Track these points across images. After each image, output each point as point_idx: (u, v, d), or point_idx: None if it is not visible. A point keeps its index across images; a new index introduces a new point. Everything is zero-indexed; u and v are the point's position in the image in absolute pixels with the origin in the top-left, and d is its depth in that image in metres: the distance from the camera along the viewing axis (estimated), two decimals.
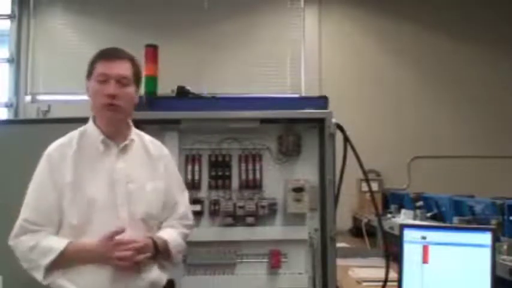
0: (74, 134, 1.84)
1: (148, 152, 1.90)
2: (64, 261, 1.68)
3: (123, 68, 1.78)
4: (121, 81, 1.76)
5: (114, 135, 1.82)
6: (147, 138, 1.95)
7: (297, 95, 5.85)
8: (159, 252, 1.79)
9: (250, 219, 2.38)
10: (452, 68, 6.14)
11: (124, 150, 1.83)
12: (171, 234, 1.85)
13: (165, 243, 1.81)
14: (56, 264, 1.68)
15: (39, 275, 1.68)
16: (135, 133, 1.90)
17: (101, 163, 1.78)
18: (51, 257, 1.66)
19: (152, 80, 2.53)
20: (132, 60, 1.83)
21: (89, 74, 1.80)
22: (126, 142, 1.83)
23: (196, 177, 2.41)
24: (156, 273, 1.81)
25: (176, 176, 2.01)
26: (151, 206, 1.82)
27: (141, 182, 1.81)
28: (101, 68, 1.77)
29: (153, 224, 1.84)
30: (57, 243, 1.69)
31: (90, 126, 1.84)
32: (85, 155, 1.79)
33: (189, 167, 2.41)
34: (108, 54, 1.80)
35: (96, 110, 1.80)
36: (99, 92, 1.76)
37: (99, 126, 1.82)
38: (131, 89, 1.81)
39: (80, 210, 1.71)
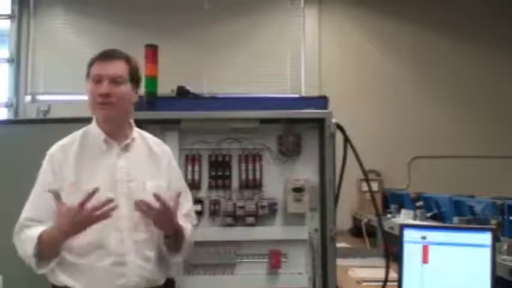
0: (76, 135, 1.86)
1: (150, 150, 1.92)
2: (47, 245, 1.68)
3: (117, 68, 1.80)
4: (115, 80, 1.78)
5: (116, 134, 1.84)
6: (148, 136, 1.97)
7: (297, 95, 5.84)
8: (176, 234, 1.81)
9: (250, 219, 2.37)
10: (452, 68, 6.15)
11: (125, 149, 1.84)
12: (184, 225, 1.87)
13: (181, 228, 1.83)
14: (44, 251, 1.68)
15: (34, 265, 1.70)
16: (137, 132, 1.91)
17: (102, 162, 1.80)
18: (33, 243, 1.67)
19: (152, 80, 2.53)
20: (127, 59, 1.85)
21: (87, 75, 1.84)
22: (128, 141, 1.85)
23: (196, 177, 2.41)
24: (154, 272, 1.82)
25: (178, 173, 2.02)
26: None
27: (142, 181, 1.82)
28: (95, 69, 1.80)
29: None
30: (38, 230, 1.70)
31: (92, 126, 1.86)
32: (87, 155, 1.81)
33: (189, 167, 2.41)
34: (102, 55, 1.83)
35: (91, 109, 1.83)
36: (92, 91, 1.79)
37: (101, 126, 1.84)
38: (126, 87, 1.81)
39: None
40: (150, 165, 1.88)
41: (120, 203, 1.75)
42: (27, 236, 1.70)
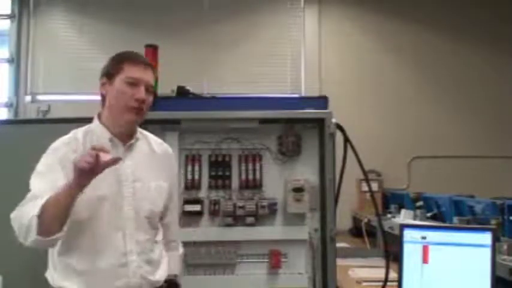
0: (77, 133, 1.83)
1: (153, 151, 1.91)
2: (54, 204, 1.56)
3: (151, 76, 1.82)
4: (148, 88, 1.79)
5: (122, 134, 1.82)
6: (151, 137, 1.97)
7: (297, 95, 5.85)
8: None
9: (250, 219, 2.38)
10: (452, 68, 6.14)
11: (130, 148, 1.83)
12: (176, 264, 1.96)
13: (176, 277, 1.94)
14: (48, 213, 1.55)
15: (33, 229, 1.55)
16: (140, 132, 1.91)
17: None
18: (39, 204, 1.55)
19: None
20: (153, 69, 1.88)
21: (113, 73, 1.78)
22: (132, 141, 1.84)
23: (196, 177, 2.41)
24: (156, 272, 1.82)
25: (176, 178, 2.04)
26: (155, 204, 1.83)
27: (146, 180, 1.82)
28: (132, 71, 1.77)
29: (156, 222, 1.85)
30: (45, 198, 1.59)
31: (95, 124, 1.83)
32: None
33: (189, 167, 2.41)
34: (139, 60, 1.82)
35: (118, 110, 1.77)
36: (128, 94, 1.75)
37: (106, 125, 1.81)
38: (152, 97, 1.84)
39: (87, 208, 1.70)
40: (153, 166, 1.88)
41: (124, 202, 1.76)
42: (33, 203, 1.58)
